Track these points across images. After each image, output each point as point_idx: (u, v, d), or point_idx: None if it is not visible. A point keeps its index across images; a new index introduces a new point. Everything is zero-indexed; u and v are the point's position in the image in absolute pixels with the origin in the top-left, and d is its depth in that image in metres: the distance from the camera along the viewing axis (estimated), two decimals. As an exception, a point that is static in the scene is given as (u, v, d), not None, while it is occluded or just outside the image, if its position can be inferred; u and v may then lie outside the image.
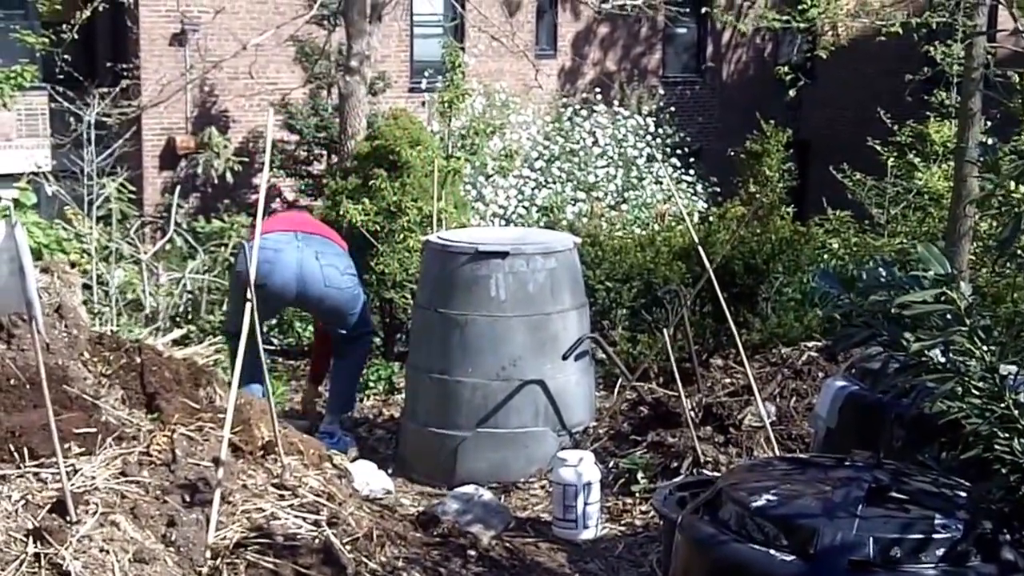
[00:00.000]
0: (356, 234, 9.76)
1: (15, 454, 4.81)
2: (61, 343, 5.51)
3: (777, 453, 6.65)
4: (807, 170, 22.36)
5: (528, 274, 7.21)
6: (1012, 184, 3.78)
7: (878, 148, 16.77)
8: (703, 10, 23.88)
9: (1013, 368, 3.78)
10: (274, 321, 11.75)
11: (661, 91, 25.15)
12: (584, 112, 21.42)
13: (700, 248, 7.56)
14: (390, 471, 7.33)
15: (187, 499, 4.91)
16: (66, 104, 15.82)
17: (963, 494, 3.87)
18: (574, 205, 18.46)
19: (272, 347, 11.12)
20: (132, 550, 4.50)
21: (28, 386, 5.07)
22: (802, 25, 18.13)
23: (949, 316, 3.71)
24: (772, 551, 3.67)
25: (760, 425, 6.94)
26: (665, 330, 7.36)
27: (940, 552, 3.59)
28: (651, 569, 6.04)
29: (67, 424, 4.93)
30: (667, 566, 4.49)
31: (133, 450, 5.03)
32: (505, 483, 7.18)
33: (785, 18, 18.35)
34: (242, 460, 5.34)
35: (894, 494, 3.81)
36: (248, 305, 5.35)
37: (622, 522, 6.68)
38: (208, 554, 4.73)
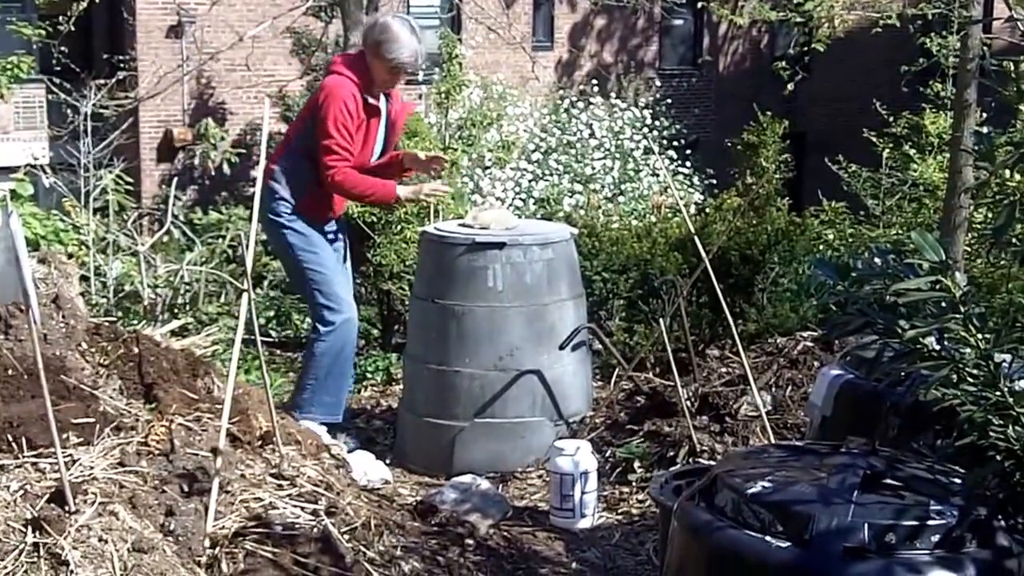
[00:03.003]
0: (353, 225, 9.77)
1: (13, 444, 4.82)
2: (59, 333, 5.52)
3: (772, 442, 6.66)
4: (803, 161, 22.35)
5: (525, 265, 7.22)
6: (1007, 173, 3.79)
7: (874, 139, 16.81)
8: (699, 3, 23.91)
9: (1007, 356, 3.80)
10: (272, 313, 11.78)
11: (658, 83, 25.21)
12: (581, 104, 21.46)
13: (696, 239, 7.58)
14: (388, 461, 7.34)
15: (185, 489, 4.92)
16: (63, 96, 15.84)
17: (958, 481, 3.89)
18: (571, 197, 18.50)
19: (270, 339, 11.14)
20: (131, 539, 4.51)
21: (26, 376, 5.08)
22: (798, 18, 18.16)
23: (944, 304, 3.72)
24: (767, 537, 3.69)
25: (756, 414, 6.95)
26: (661, 320, 7.37)
27: (935, 538, 3.61)
28: (648, 557, 6.06)
29: (65, 414, 4.94)
30: (664, 553, 4.51)
31: (131, 440, 5.04)
32: (503, 473, 7.20)
33: (782, 13, 18.38)
34: (240, 450, 5.35)
35: (889, 481, 3.83)
36: (245, 296, 5.36)
37: (619, 511, 6.70)
38: (207, 543, 4.75)
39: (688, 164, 21.34)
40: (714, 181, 20.23)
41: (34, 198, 11.78)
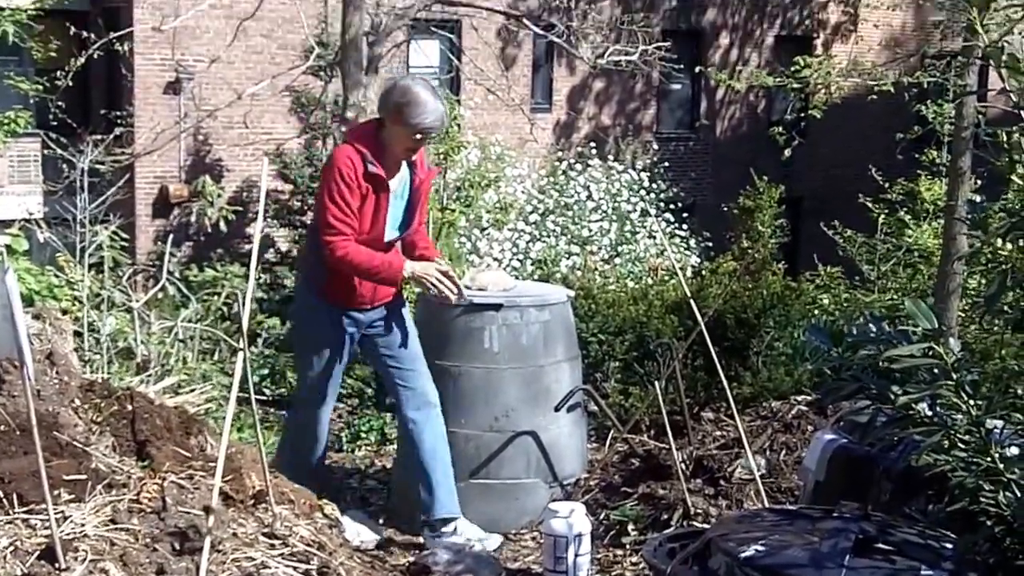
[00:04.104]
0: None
1: (4, 500, 4.80)
2: (52, 390, 5.51)
3: (766, 505, 6.65)
4: (799, 226, 22.47)
5: (522, 326, 7.23)
6: (999, 241, 3.81)
7: (869, 205, 16.88)
8: (697, 68, 24.06)
9: (999, 422, 3.81)
10: (266, 371, 11.77)
11: (655, 146, 25.32)
12: (579, 166, 21.53)
13: (692, 302, 7.58)
14: (381, 521, 7.32)
15: (177, 547, 4.90)
16: (59, 151, 15.86)
17: (949, 546, 3.89)
18: (568, 259, 18.51)
19: (263, 397, 11.12)
20: (121, 598, 4.50)
21: (18, 432, 5.07)
22: (795, 84, 18.27)
23: (936, 370, 3.74)
24: (759, 602, 3.69)
25: (750, 478, 6.94)
26: (657, 383, 7.37)
27: (926, 604, 3.62)
28: (640, 621, 6.05)
29: (57, 471, 4.93)
30: (656, 617, 4.50)
31: (123, 497, 5.03)
32: (496, 534, 7.17)
33: (779, 79, 18.49)
34: (233, 509, 5.33)
35: (881, 545, 3.83)
36: (241, 354, 5.35)
37: (612, 573, 6.67)
38: (197, 602, 4.73)
39: (685, 227, 21.39)
40: (710, 244, 20.26)
41: (28, 253, 11.78)
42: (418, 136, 6.52)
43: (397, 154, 6.57)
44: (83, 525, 4.80)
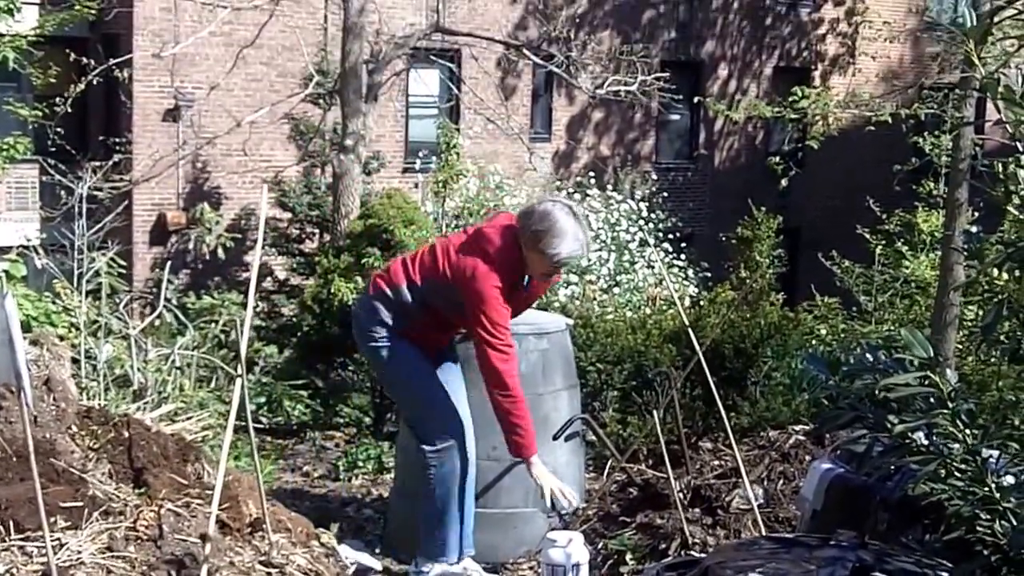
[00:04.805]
0: (348, 313, 9.78)
1: (1, 527, 4.80)
2: (49, 416, 5.51)
3: (764, 535, 6.64)
4: (797, 257, 22.49)
5: (520, 354, 7.19)
6: (996, 272, 3.82)
7: (867, 236, 16.91)
8: (696, 99, 24.12)
9: (995, 452, 3.81)
10: (263, 399, 11.75)
11: (654, 176, 25.36)
12: (578, 196, 21.53)
13: (690, 331, 7.58)
14: (378, 550, 7.31)
15: (173, 575, 4.90)
16: (57, 177, 15.86)
17: (945, 575, 3.89)
18: (567, 288, 18.52)
19: (260, 425, 11.11)
20: (117, 624, 4.49)
21: (15, 459, 5.07)
22: (792, 115, 18.33)
23: (932, 399, 3.74)
24: (756, 631, 3.69)
25: (748, 507, 6.93)
26: (655, 412, 7.37)
27: (923, 634, 3.61)
28: (637, 651, 6.03)
29: (54, 497, 4.93)
30: (652, 646, 4.49)
31: (120, 525, 5.03)
32: (494, 563, 7.15)
33: (777, 110, 18.55)
34: (229, 537, 5.33)
35: (877, 574, 3.83)
36: (239, 382, 5.35)
37: (610, 603, 6.66)
38: (193, 630, 4.72)
39: (683, 257, 21.41)
40: (709, 274, 20.29)
41: (25, 279, 11.78)
42: (555, 265, 6.32)
43: (535, 275, 6.39)
44: (80, 552, 4.80)
